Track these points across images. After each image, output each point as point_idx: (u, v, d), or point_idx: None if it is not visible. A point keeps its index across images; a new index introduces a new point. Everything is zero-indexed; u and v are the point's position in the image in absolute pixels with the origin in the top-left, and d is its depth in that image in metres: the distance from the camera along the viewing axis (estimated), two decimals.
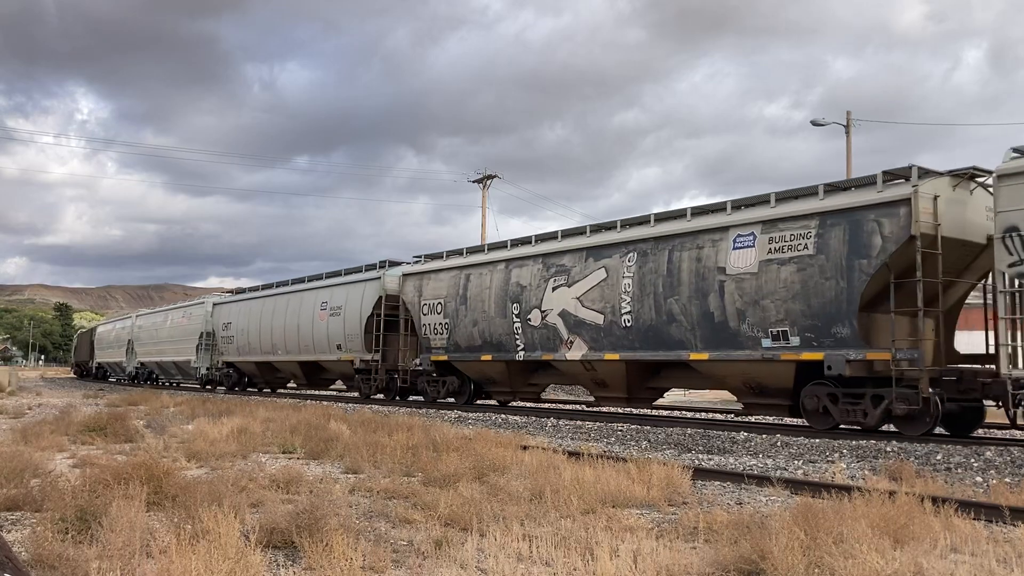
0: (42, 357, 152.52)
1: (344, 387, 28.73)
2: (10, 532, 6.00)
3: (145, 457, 8.31)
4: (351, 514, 6.51)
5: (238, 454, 10.67)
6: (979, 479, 9.16)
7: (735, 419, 17.59)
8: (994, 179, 11.39)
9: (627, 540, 5.61)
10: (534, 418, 16.61)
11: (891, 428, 12.72)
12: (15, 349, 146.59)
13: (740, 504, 7.53)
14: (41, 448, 10.86)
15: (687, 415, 19.01)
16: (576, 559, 5.11)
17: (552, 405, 22.59)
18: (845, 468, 9.91)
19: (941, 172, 12.32)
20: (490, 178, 46.67)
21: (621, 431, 14.27)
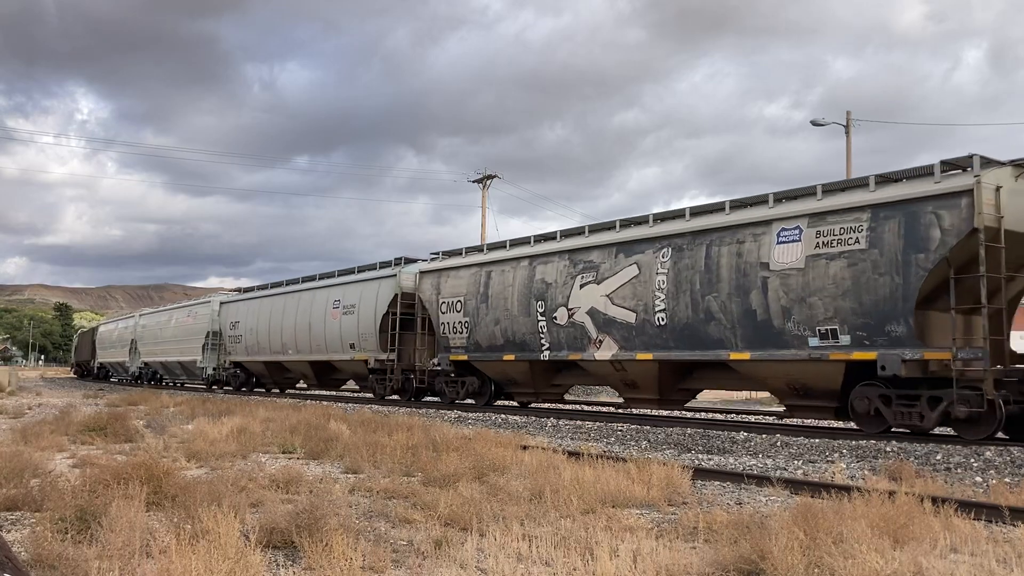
0: (42, 357, 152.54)
1: (356, 387, 28.23)
2: (10, 532, 5.99)
3: (145, 457, 8.31)
4: (351, 514, 6.51)
5: (238, 454, 10.67)
6: (979, 479, 9.16)
7: (735, 419, 17.61)
8: None
9: (627, 540, 5.61)
10: (534, 418, 16.59)
11: (949, 431, 12.24)
12: (15, 349, 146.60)
13: (740, 504, 7.53)
14: (41, 448, 10.86)
15: (687, 415, 18.98)
16: (576, 559, 5.11)
17: (574, 407, 22.00)
18: (845, 468, 9.90)
19: (1003, 162, 11.82)
20: (490, 178, 46.70)
21: (621, 431, 14.27)
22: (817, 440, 12.02)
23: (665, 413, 19.23)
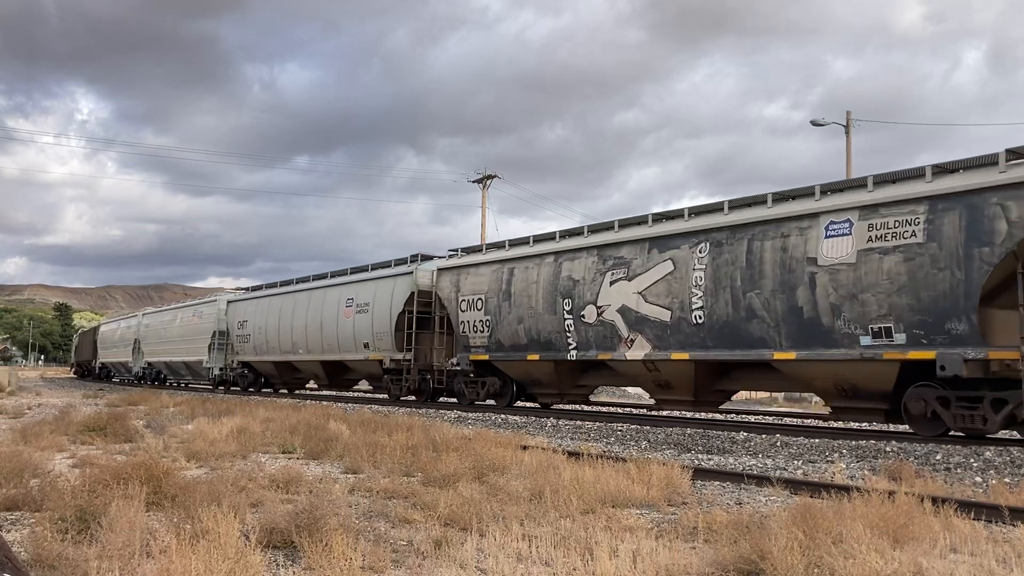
0: (42, 357, 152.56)
1: (370, 388, 27.65)
2: (10, 532, 5.99)
3: (145, 457, 8.30)
4: (351, 514, 6.51)
5: (238, 454, 10.67)
6: (979, 479, 9.16)
7: (735, 419, 17.61)
8: None
9: (627, 540, 5.61)
10: (534, 418, 16.60)
11: (1014, 435, 11.93)
12: (15, 349, 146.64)
13: (740, 504, 7.53)
14: (41, 448, 10.85)
15: (687, 415, 18.99)
16: (576, 559, 5.11)
17: (601, 408, 21.51)
18: (844, 468, 9.91)
19: None
20: (490, 178, 46.72)
21: (621, 431, 14.27)
22: (817, 440, 12.03)
23: (665, 413, 19.23)
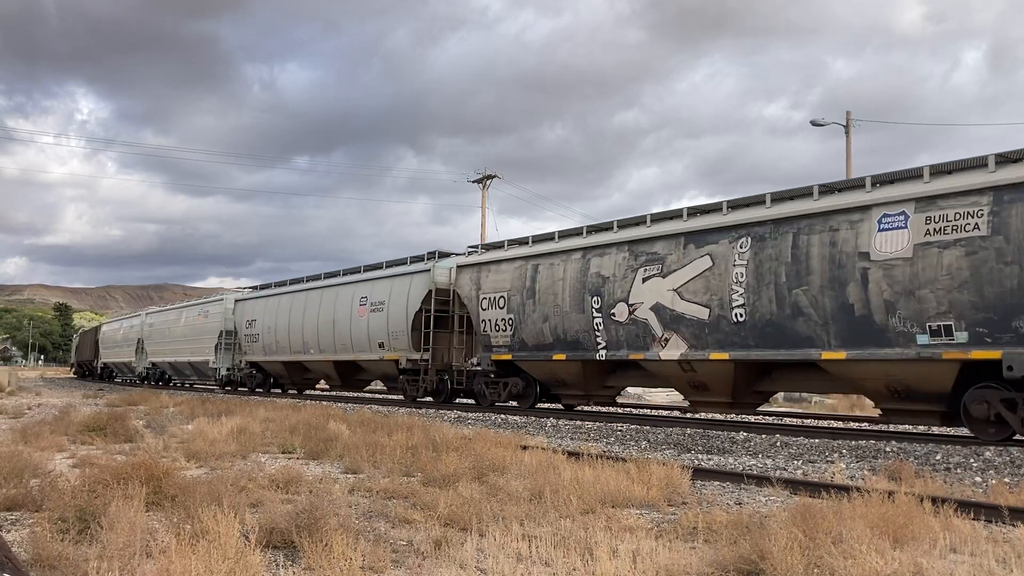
0: (42, 357, 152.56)
1: (385, 388, 27.09)
2: (9, 532, 5.99)
3: (145, 457, 8.31)
4: (351, 514, 6.51)
5: (237, 454, 10.67)
6: (978, 479, 9.16)
7: (735, 419, 17.60)
8: None
9: (626, 540, 5.61)
10: (534, 418, 16.59)
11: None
12: (15, 349, 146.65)
13: (739, 504, 7.53)
14: (41, 448, 10.85)
15: (687, 415, 18.99)
16: (575, 559, 5.11)
17: (623, 410, 20.97)
18: (844, 468, 9.91)
19: None
20: (490, 178, 46.73)
21: (620, 431, 14.27)
22: (817, 440, 12.03)
23: (665, 413, 19.23)
